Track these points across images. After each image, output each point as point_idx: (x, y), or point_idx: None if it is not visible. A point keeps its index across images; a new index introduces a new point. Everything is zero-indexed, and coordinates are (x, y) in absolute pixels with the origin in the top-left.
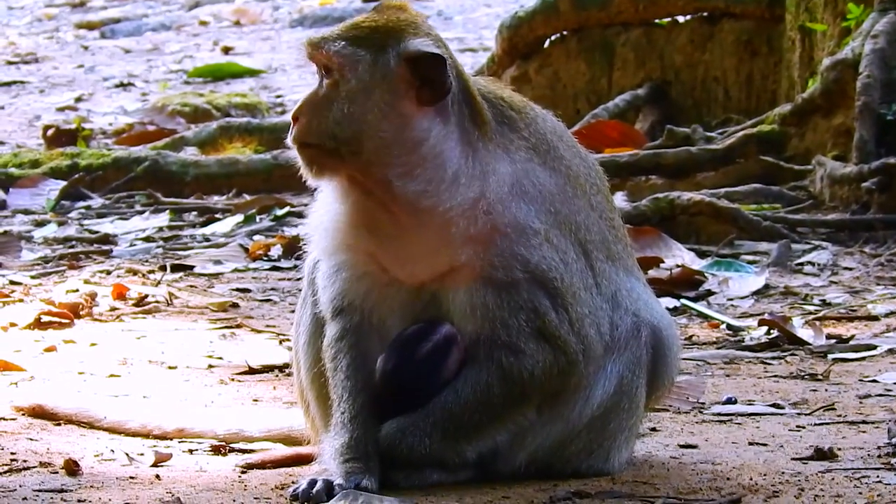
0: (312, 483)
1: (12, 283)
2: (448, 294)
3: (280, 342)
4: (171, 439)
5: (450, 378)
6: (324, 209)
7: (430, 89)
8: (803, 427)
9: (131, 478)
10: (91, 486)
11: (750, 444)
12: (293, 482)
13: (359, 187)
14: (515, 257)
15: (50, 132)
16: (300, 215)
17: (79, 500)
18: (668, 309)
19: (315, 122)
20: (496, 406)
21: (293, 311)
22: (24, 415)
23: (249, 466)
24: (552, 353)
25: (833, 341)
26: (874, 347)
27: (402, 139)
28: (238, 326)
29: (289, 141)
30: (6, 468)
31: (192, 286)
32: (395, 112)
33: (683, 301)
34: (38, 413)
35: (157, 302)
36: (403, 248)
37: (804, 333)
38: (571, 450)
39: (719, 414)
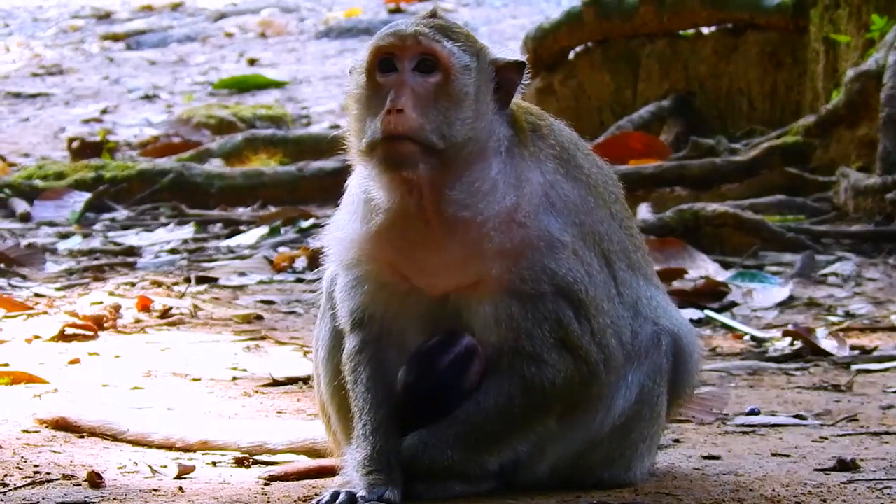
0: (335, 495)
1: (37, 295)
2: (471, 305)
3: (304, 354)
4: (195, 451)
5: (471, 389)
6: (343, 221)
7: (503, 95)
8: (826, 438)
9: (154, 490)
10: (114, 499)
11: (773, 455)
12: (316, 494)
13: (411, 192)
14: (545, 271)
15: (75, 144)
16: (324, 227)
17: None
18: (692, 320)
19: (427, 120)
20: (518, 416)
21: None
22: (47, 427)
23: (273, 479)
24: (574, 363)
25: (856, 352)
26: None
27: (482, 145)
28: (262, 338)
29: (385, 129)
30: (29, 480)
31: (216, 298)
32: (489, 118)
33: (708, 312)
34: (62, 425)
35: (181, 314)
36: (431, 258)
37: (828, 344)
38: (593, 459)
39: (742, 425)
